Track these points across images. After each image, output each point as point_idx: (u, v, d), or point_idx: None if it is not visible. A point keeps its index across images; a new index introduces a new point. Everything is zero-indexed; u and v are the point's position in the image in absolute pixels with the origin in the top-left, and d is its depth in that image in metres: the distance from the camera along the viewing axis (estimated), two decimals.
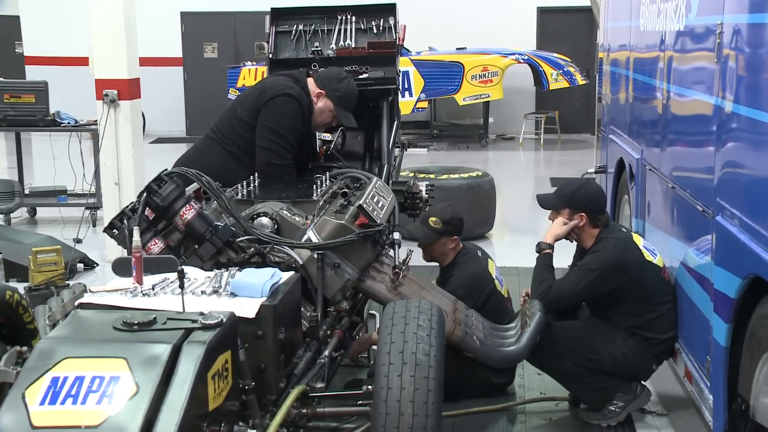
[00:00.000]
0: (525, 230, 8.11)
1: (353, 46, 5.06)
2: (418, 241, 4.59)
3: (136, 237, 3.00)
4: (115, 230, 3.46)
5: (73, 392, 2.28)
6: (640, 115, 5.25)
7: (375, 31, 5.16)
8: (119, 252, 4.01)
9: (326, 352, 3.30)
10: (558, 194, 4.28)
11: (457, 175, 7.78)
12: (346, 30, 5.13)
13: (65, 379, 2.31)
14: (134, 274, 2.94)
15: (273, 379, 2.91)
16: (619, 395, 4.10)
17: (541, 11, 15.65)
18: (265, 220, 3.61)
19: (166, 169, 3.52)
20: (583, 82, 13.63)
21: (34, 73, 14.94)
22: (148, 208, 3.40)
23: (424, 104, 14.19)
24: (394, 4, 5.22)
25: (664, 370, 4.35)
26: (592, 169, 6.94)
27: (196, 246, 3.41)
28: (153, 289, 2.90)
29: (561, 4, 15.43)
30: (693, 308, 3.79)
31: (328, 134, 4.98)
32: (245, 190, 3.97)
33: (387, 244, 3.98)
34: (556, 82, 13.46)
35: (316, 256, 3.49)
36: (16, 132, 9.08)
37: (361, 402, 3.01)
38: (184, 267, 2.94)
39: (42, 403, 2.27)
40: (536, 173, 12.72)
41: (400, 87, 6.66)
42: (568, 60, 13.87)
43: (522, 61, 13.67)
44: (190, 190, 3.64)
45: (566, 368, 4.10)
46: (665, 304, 4.07)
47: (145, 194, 3.39)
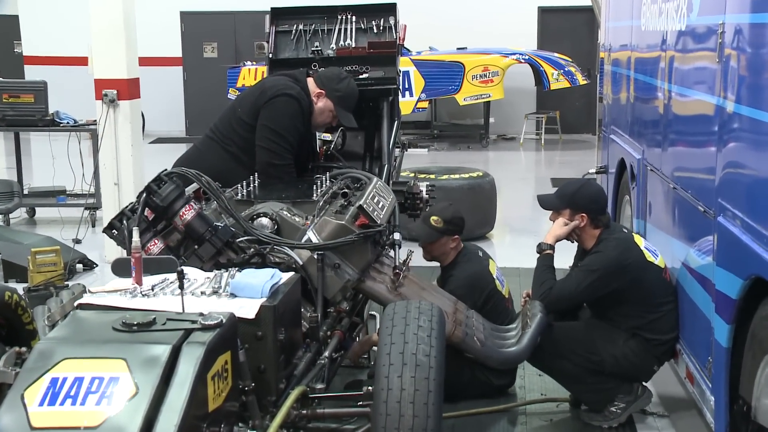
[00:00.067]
0: (526, 231, 8.10)
1: (353, 45, 5.06)
2: (419, 240, 4.58)
3: (136, 237, 3.00)
4: (114, 231, 3.45)
5: (73, 393, 2.27)
6: (641, 115, 5.24)
7: (375, 31, 5.15)
8: (118, 252, 4.01)
9: (326, 353, 3.29)
10: (559, 195, 4.27)
11: (457, 176, 7.77)
12: (346, 30, 5.12)
13: (64, 379, 2.30)
14: (134, 275, 2.93)
15: (273, 379, 2.90)
16: (620, 396, 4.10)
17: (542, 11, 15.64)
18: (265, 221, 3.60)
19: (166, 170, 3.51)
20: (584, 82, 13.62)
21: (33, 73, 14.94)
22: (147, 209, 3.39)
23: (425, 104, 14.18)
24: (395, 4, 5.22)
25: (665, 371, 4.34)
26: (593, 170, 6.93)
27: (196, 246, 3.40)
28: (152, 289, 2.89)
29: (562, 3, 15.42)
30: (694, 309, 3.79)
31: (328, 134, 4.97)
32: (245, 191, 3.96)
33: (387, 245, 3.97)
34: (557, 82, 13.44)
35: (316, 257, 3.48)
36: (15, 132, 9.08)
37: (361, 403, 3.00)
38: (183, 267, 2.93)
39: (41, 404, 2.26)
40: (537, 174, 12.71)
41: (401, 87, 6.66)
42: (569, 60, 13.85)
43: (523, 61, 13.66)
44: (190, 190, 3.63)
45: (567, 369, 4.10)
46: (666, 305, 4.06)
47: (145, 194, 3.38)
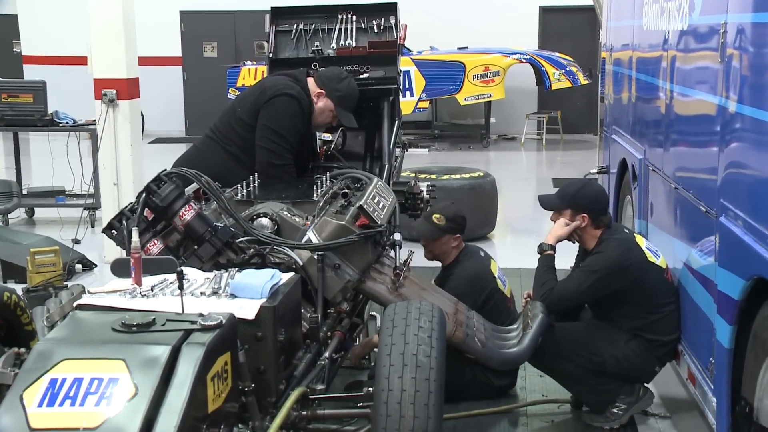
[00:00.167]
0: (527, 231, 8.09)
1: (354, 45, 5.06)
2: (422, 237, 4.58)
3: (135, 238, 2.99)
4: (113, 231, 3.44)
5: (72, 394, 2.26)
6: (643, 115, 5.23)
7: (376, 31, 5.15)
8: (118, 253, 3.98)
9: (326, 354, 3.28)
10: (560, 195, 4.26)
11: (458, 176, 7.76)
12: (346, 29, 5.12)
13: (63, 380, 2.29)
14: (133, 275, 2.92)
15: (273, 380, 2.89)
16: (621, 397, 4.09)
17: (544, 10, 15.63)
18: (265, 221, 3.59)
19: (165, 170, 3.50)
20: (586, 82, 13.61)
21: (32, 73, 14.94)
22: (147, 209, 3.38)
23: (425, 104, 14.17)
24: (395, 4, 5.21)
25: (667, 372, 4.33)
26: (595, 170, 6.92)
27: (196, 247, 3.39)
28: (152, 290, 2.88)
29: (563, 3, 15.42)
30: (696, 310, 3.77)
31: (329, 134, 4.97)
32: (245, 191, 3.95)
33: (388, 245, 3.96)
34: (559, 81, 13.43)
35: (316, 257, 3.47)
36: (14, 132, 9.07)
37: (361, 404, 3.00)
38: (183, 268, 2.92)
39: (40, 405, 2.25)
40: (538, 174, 12.71)
41: (401, 87, 6.64)
42: (571, 59, 13.84)
43: (524, 61, 13.64)
44: (190, 190, 3.62)
45: (568, 370, 4.09)
46: (668, 305, 4.05)
47: (144, 194, 3.37)
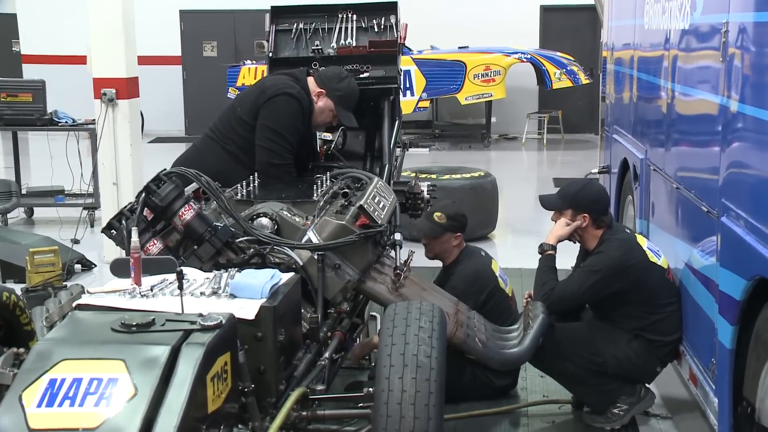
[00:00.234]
0: (528, 231, 8.08)
1: (354, 44, 5.05)
2: (423, 235, 4.57)
3: (135, 237, 2.98)
4: (113, 231, 3.44)
5: (71, 394, 2.25)
6: (644, 115, 5.23)
7: (376, 30, 5.15)
8: (117, 253, 3.97)
9: (327, 354, 3.27)
10: (560, 195, 4.26)
11: (459, 176, 7.76)
12: (347, 28, 5.11)
13: (63, 380, 2.29)
14: (132, 275, 2.92)
15: (273, 381, 2.88)
16: (622, 398, 4.08)
17: (544, 9, 15.62)
18: (265, 221, 3.58)
19: (165, 169, 3.49)
20: (587, 82, 13.60)
21: (31, 72, 14.94)
22: (146, 209, 3.37)
23: (426, 104, 14.15)
24: (396, 3, 5.21)
25: (668, 373, 4.32)
26: (596, 170, 6.92)
27: (195, 247, 3.38)
28: (151, 290, 2.88)
29: (564, 2, 15.42)
30: (698, 310, 3.77)
31: (329, 134, 4.96)
32: (245, 191, 3.94)
33: (388, 245, 3.95)
34: (560, 81, 13.42)
35: (316, 257, 3.46)
36: (13, 131, 9.04)
37: (361, 404, 2.99)
38: (182, 268, 2.91)
39: (39, 405, 2.24)
40: (539, 173, 12.70)
41: (402, 86, 6.64)
42: (572, 59, 13.83)
43: (525, 60, 13.63)
44: (189, 190, 3.61)
45: (569, 370, 4.08)
46: (669, 306, 4.04)
47: (144, 194, 3.36)
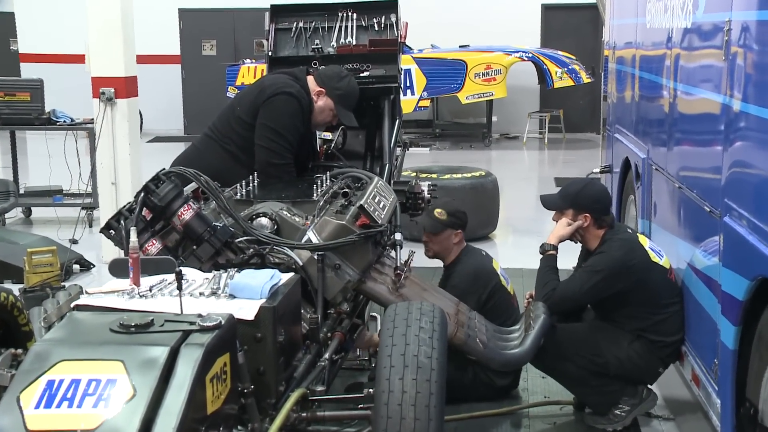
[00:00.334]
0: (529, 231, 8.08)
1: (354, 43, 5.05)
2: (424, 230, 4.56)
3: (134, 238, 2.96)
4: (111, 231, 3.42)
5: (69, 395, 2.24)
6: (646, 114, 5.22)
7: (376, 29, 5.14)
8: (116, 253, 3.96)
9: (326, 355, 3.26)
10: (561, 194, 4.24)
11: (459, 175, 7.75)
12: (347, 27, 5.11)
13: (61, 382, 2.27)
14: (131, 276, 2.90)
15: (272, 382, 2.87)
16: (624, 399, 4.06)
17: (546, 8, 15.63)
18: (265, 221, 3.57)
19: (164, 169, 3.48)
20: (589, 81, 13.59)
21: (29, 71, 14.96)
22: (145, 209, 3.36)
23: (427, 103, 14.15)
24: (396, 1, 5.21)
25: (670, 374, 4.31)
26: (597, 169, 6.91)
27: (195, 247, 3.37)
28: (150, 290, 2.86)
29: (566, 0, 15.41)
30: (700, 310, 3.75)
31: (329, 133, 4.95)
32: (244, 190, 3.92)
33: (388, 245, 3.93)
34: (561, 80, 13.42)
35: (316, 257, 3.45)
36: (11, 131, 9.02)
37: (362, 405, 2.98)
38: (182, 268, 2.90)
39: (37, 407, 2.23)
40: (540, 173, 12.69)
41: (402, 85, 6.63)
42: (573, 58, 13.83)
43: (526, 59, 13.63)
44: (189, 189, 3.60)
45: (571, 371, 4.06)
46: (672, 306, 4.03)
47: (143, 194, 3.34)
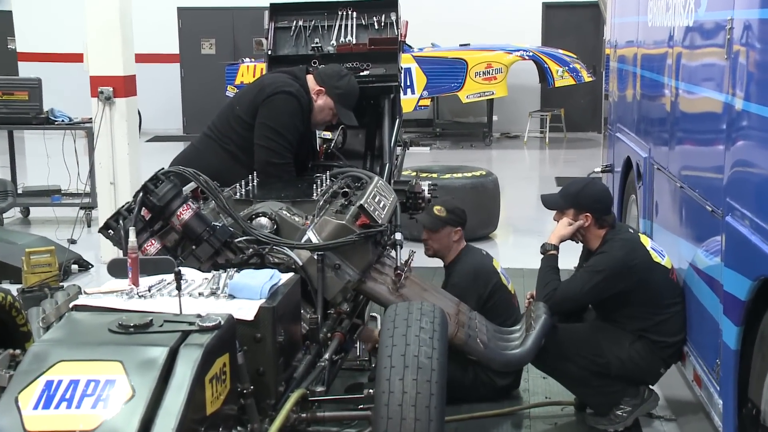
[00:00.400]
0: (530, 231, 8.07)
1: (354, 42, 5.06)
2: (424, 228, 4.56)
3: (132, 237, 2.95)
4: (110, 231, 3.41)
5: (68, 396, 2.23)
6: (647, 113, 5.21)
7: (376, 27, 5.14)
8: (115, 253, 3.96)
9: (326, 355, 3.26)
10: (562, 194, 4.23)
11: (460, 175, 7.75)
12: (346, 26, 5.11)
13: (59, 382, 2.27)
14: (130, 276, 2.90)
15: (272, 382, 2.86)
16: (626, 400, 4.05)
17: (547, 7, 15.63)
18: (264, 221, 3.56)
19: (163, 168, 3.47)
20: (590, 79, 13.59)
21: (27, 70, 14.95)
22: (144, 208, 3.35)
23: (427, 102, 14.15)
24: (396, 0, 5.18)
25: (672, 374, 4.30)
26: (599, 169, 6.91)
27: (194, 247, 3.36)
28: (149, 290, 2.86)
29: None
30: (702, 311, 3.75)
31: (329, 132, 4.95)
32: (244, 190, 3.91)
33: (389, 245, 3.92)
34: (562, 79, 13.41)
35: (316, 257, 3.45)
36: (9, 130, 9.02)
37: (362, 406, 2.98)
38: (181, 268, 2.90)
39: (35, 408, 2.22)
40: (541, 172, 12.69)
41: (402, 84, 6.62)
42: (574, 56, 13.83)
43: (527, 58, 13.63)
44: (188, 189, 3.59)
45: (572, 372, 4.05)
46: (673, 306, 4.02)
47: (142, 194, 3.34)
